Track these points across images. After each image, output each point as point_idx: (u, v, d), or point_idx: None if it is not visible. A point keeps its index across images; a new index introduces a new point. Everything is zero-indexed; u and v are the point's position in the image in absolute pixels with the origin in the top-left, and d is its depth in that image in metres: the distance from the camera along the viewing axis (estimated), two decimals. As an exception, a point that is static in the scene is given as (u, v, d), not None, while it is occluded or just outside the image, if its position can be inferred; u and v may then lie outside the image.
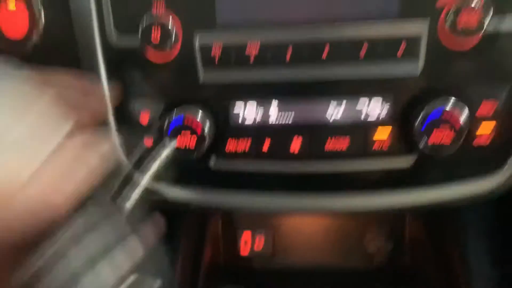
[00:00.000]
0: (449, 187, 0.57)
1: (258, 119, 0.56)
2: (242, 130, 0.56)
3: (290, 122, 0.56)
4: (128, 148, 0.58)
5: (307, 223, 0.94)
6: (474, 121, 0.53)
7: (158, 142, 0.54)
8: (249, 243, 0.92)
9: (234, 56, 0.54)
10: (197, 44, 0.54)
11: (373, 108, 0.55)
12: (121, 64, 0.56)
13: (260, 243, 0.92)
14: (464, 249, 0.76)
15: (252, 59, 0.54)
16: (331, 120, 0.55)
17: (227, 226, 0.93)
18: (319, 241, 0.93)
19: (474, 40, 0.51)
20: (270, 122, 0.56)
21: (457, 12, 0.49)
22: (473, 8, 0.49)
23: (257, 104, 0.56)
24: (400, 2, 0.52)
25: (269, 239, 0.92)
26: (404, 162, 0.56)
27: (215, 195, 0.60)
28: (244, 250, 0.92)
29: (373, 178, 0.58)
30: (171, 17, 0.52)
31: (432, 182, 0.57)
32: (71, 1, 0.56)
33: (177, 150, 0.54)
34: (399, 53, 0.53)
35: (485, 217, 0.76)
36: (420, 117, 0.52)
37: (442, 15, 0.51)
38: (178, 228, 0.85)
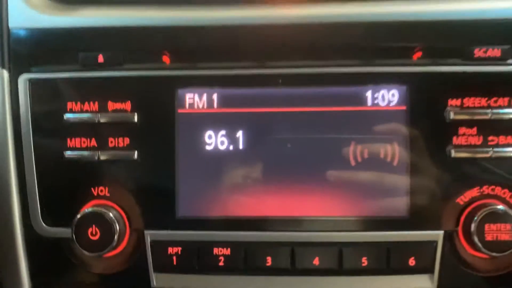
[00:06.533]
0: None
1: None
2: None
3: None
4: None
5: None
6: None
7: None
8: None
9: (196, 259, 0.41)
10: (148, 242, 0.41)
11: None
12: (46, 259, 0.43)
13: None
14: None
15: (221, 263, 0.41)
16: None
17: None
18: None
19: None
20: None
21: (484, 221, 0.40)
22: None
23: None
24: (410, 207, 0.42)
25: None
26: None
27: None
28: None
29: None
30: (114, 210, 0.41)
31: None
32: None
33: None
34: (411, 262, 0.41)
35: None
36: None
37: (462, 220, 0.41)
38: None
